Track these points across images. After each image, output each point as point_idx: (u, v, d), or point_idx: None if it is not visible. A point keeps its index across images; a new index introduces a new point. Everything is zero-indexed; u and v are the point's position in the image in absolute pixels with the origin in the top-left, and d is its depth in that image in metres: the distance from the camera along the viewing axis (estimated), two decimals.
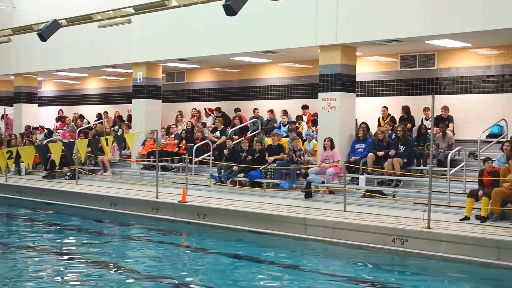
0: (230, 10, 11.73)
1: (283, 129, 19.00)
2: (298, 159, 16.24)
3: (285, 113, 19.75)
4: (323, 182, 15.62)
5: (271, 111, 20.30)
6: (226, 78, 22.59)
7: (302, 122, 19.02)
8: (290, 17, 16.66)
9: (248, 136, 19.29)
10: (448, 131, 15.96)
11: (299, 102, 19.95)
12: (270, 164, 16.60)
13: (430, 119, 13.73)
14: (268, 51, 18.29)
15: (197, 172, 18.66)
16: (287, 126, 18.71)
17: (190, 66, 22.68)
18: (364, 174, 15.32)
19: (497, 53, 16.31)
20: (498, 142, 15.08)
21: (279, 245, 12.49)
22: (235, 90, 22.22)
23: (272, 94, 21.12)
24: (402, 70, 17.97)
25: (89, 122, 25.60)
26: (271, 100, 21.05)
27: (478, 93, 16.59)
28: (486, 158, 12.96)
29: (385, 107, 17.64)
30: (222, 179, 17.22)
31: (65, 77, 28.17)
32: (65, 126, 25.74)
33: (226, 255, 11.74)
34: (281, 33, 17.10)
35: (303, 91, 20.22)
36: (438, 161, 15.17)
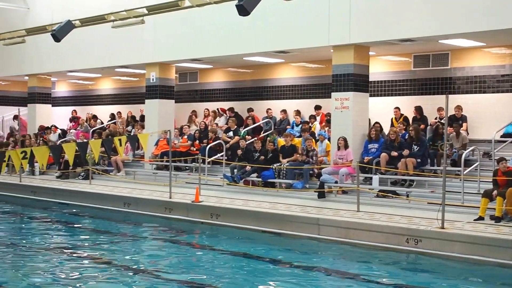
0: (243, 10, 11.74)
1: (296, 129, 18.98)
2: (310, 160, 16.23)
3: (297, 113, 19.72)
4: (336, 182, 15.59)
5: (284, 111, 20.28)
6: (239, 78, 22.60)
7: (315, 122, 18.99)
8: (303, 16, 16.64)
9: (261, 136, 19.29)
10: (462, 131, 15.87)
11: (312, 102, 19.92)
12: (283, 164, 16.60)
13: (444, 119, 13.66)
14: (281, 51, 18.26)
15: (210, 172, 18.68)
16: (300, 126, 18.69)
17: (203, 66, 22.71)
18: (377, 174, 15.27)
19: (511, 52, 16.20)
20: None
21: (292, 245, 12.47)
22: (248, 90, 22.22)
23: (285, 94, 21.11)
24: (415, 69, 17.89)
25: (102, 122, 25.68)
26: (284, 100, 21.03)
27: (492, 92, 16.48)
28: (500, 158, 12.87)
29: (397, 108, 17.55)
30: (235, 179, 17.24)
31: (78, 77, 28.33)
32: (78, 126, 25.84)
33: (239, 255, 11.75)
34: (294, 33, 17.07)
35: (316, 91, 20.18)
36: (452, 161, 15.10)
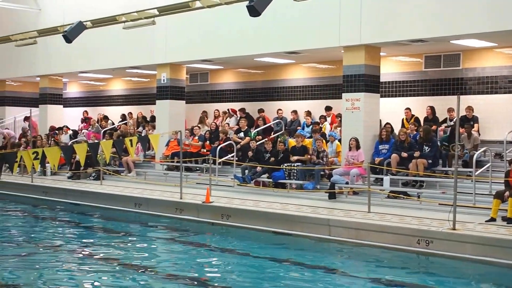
0: (254, 11, 11.75)
1: (307, 129, 18.96)
2: (320, 161, 16.21)
3: (308, 113, 19.70)
4: (347, 183, 15.56)
5: (295, 112, 20.26)
6: (249, 79, 22.61)
7: (325, 122, 18.96)
8: (313, 17, 16.63)
9: (271, 137, 19.29)
10: (473, 132, 15.80)
11: (323, 103, 19.90)
12: (293, 163, 16.57)
13: (455, 120, 13.60)
14: (291, 52, 18.26)
15: (220, 173, 18.67)
16: (311, 126, 18.66)
17: (213, 67, 22.74)
18: (388, 175, 15.23)
19: None
20: None
21: (303, 246, 12.47)
22: (259, 91, 22.22)
23: (295, 94, 21.09)
24: (426, 70, 17.83)
25: (113, 123, 25.76)
26: (295, 101, 21.02)
27: (504, 93, 16.40)
28: None
29: (408, 109, 17.47)
30: (246, 180, 17.24)
31: (89, 78, 28.46)
32: (89, 127, 25.94)
33: (249, 256, 11.73)
34: (304, 33, 17.07)
35: (327, 92, 20.16)
36: (463, 162, 15.02)
